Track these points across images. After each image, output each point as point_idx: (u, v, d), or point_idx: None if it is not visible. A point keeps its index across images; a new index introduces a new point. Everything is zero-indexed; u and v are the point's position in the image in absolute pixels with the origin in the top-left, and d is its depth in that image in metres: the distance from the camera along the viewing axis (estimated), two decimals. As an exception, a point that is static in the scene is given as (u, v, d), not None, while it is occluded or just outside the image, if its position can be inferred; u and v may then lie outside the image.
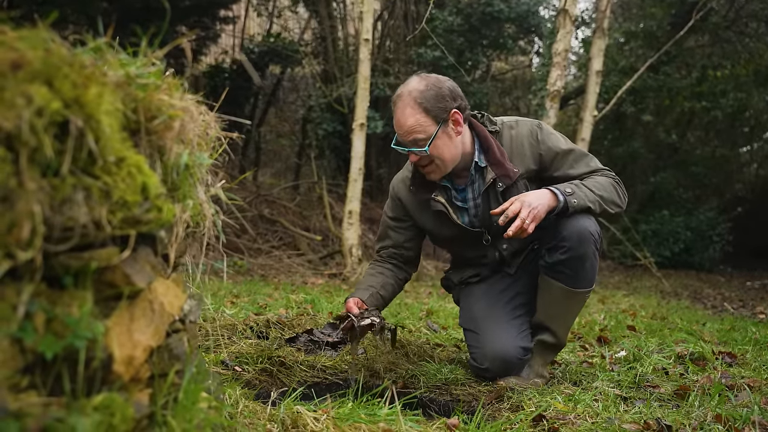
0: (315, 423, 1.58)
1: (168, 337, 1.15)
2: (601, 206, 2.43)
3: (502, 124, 2.62)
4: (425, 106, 2.41)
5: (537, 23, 11.73)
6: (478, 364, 2.58)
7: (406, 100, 2.43)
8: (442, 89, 2.45)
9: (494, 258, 2.70)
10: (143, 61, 1.10)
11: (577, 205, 2.37)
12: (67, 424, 0.84)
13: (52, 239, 0.84)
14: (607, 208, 2.45)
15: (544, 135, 2.56)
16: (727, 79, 13.44)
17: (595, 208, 2.40)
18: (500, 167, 2.51)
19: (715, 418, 1.95)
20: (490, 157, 2.54)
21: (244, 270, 7.66)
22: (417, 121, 2.41)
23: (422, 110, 2.41)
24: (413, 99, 2.42)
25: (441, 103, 2.43)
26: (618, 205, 2.50)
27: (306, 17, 13.75)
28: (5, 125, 0.75)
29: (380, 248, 2.87)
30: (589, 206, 2.39)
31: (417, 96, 2.42)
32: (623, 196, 2.53)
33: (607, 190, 2.47)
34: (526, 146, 2.55)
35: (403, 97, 2.45)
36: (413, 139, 2.43)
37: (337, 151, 11.70)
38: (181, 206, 1.14)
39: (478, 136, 2.58)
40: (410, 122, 2.42)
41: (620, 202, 2.51)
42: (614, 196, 2.48)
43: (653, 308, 6.15)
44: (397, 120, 2.46)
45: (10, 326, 0.80)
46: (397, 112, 2.45)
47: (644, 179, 14.47)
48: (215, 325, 2.93)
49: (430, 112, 2.41)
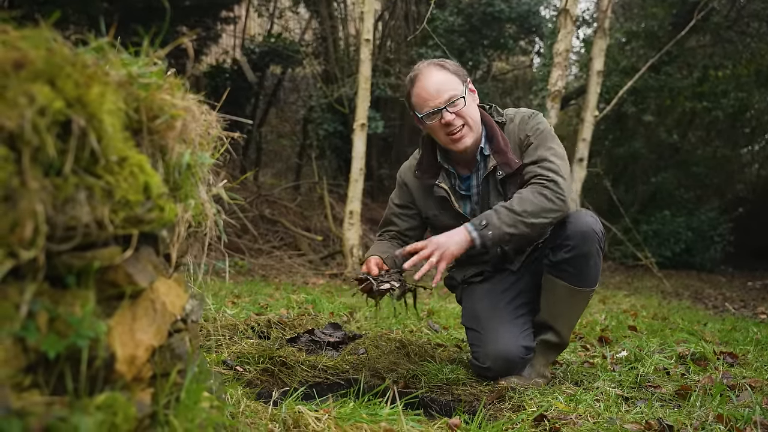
0: (317, 423, 1.58)
1: (170, 336, 1.16)
2: (528, 223, 2.35)
3: (506, 116, 2.65)
4: (450, 68, 2.52)
5: (538, 23, 11.73)
6: (480, 363, 2.58)
7: (431, 67, 2.53)
8: (453, 61, 2.61)
9: (496, 252, 2.71)
10: (145, 61, 1.10)
11: (493, 236, 2.35)
12: (69, 423, 0.84)
13: (55, 239, 0.84)
14: (536, 221, 2.36)
15: (530, 123, 2.57)
16: (728, 79, 13.42)
17: (517, 230, 2.35)
18: (502, 156, 2.54)
19: (717, 418, 1.95)
20: (494, 146, 2.57)
21: (245, 270, 7.67)
22: (447, 78, 2.49)
23: (448, 70, 2.51)
24: (436, 64, 2.53)
25: (459, 68, 2.56)
26: (551, 210, 2.37)
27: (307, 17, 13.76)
28: (8, 125, 0.75)
29: (383, 232, 2.90)
30: (508, 231, 2.35)
31: (438, 61, 2.54)
32: (556, 198, 2.38)
33: (534, 202, 2.36)
34: (518, 134, 2.58)
35: (423, 67, 2.54)
36: (448, 96, 2.47)
37: (338, 152, 11.70)
38: (183, 206, 1.14)
39: (485, 125, 2.61)
40: (441, 79, 2.49)
41: (553, 206, 2.37)
42: (544, 203, 2.36)
43: (654, 308, 6.14)
44: (426, 81, 2.50)
45: (13, 325, 0.80)
46: (423, 78, 2.51)
47: (645, 179, 14.45)
48: (216, 325, 2.93)
49: (455, 72, 2.52)
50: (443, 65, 2.52)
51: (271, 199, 10.59)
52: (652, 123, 14.16)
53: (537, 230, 2.42)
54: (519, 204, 2.36)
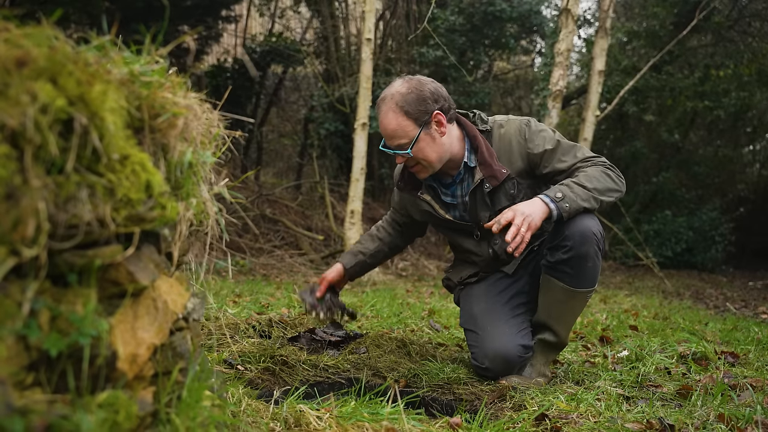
0: (318, 422, 1.58)
1: (171, 335, 1.16)
2: (598, 200, 2.38)
3: (494, 122, 2.62)
4: (406, 109, 2.44)
5: (539, 23, 11.73)
6: (478, 363, 2.58)
7: (389, 104, 2.47)
8: (423, 92, 2.46)
9: (487, 254, 2.70)
10: (147, 59, 1.10)
11: (570, 209, 2.34)
12: (72, 421, 0.84)
13: (57, 237, 0.84)
14: (604, 199, 2.39)
15: (532, 133, 2.54)
16: (729, 79, 13.42)
17: (590, 205, 2.36)
18: (488, 168, 2.52)
19: (718, 417, 1.94)
20: (479, 157, 2.55)
21: (246, 269, 7.67)
22: (399, 125, 2.45)
23: (403, 114, 2.44)
24: (395, 103, 2.45)
25: (422, 105, 2.45)
26: (615, 190, 2.43)
27: (308, 17, 13.76)
28: (10, 122, 0.75)
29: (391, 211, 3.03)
30: (584, 206, 2.35)
31: (399, 100, 2.45)
32: (619, 180, 2.47)
33: (600, 179, 2.41)
34: (514, 145, 2.55)
35: (385, 101, 2.48)
36: (397, 144, 2.48)
37: (339, 151, 11.70)
38: (185, 204, 1.14)
39: (468, 135, 2.59)
40: (392, 126, 2.46)
41: (617, 187, 2.45)
42: (609, 183, 2.42)
43: (655, 308, 6.14)
44: (380, 123, 2.51)
45: (15, 323, 0.80)
46: (380, 116, 2.50)
47: (646, 179, 14.46)
48: (218, 324, 2.93)
49: (411, 115, 2.44)
50: (402, 107, 2.44)
51: (272, 199, 10.60)
52: (653, 123, 14.17)
53: (601, 208, 2.44)
54: (588, 181, 2.38)
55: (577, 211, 2.35)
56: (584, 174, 2.42)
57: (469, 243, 2.74)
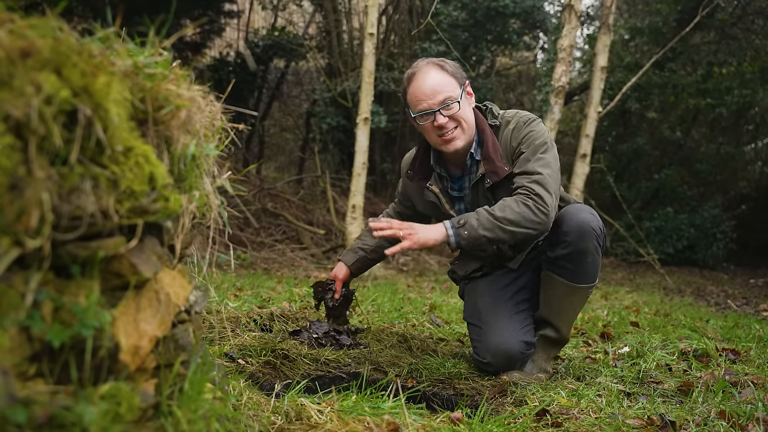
0: (319, 415, 1.58)
1: (174, 327, 1.16)
2: (506, 230, 2.32)
3: (502, 118, 2.60)
4: (448, 69, 2.49)
5: (542, 19, 11.69)
6: (480, 358, 2.59)
7: (429, 66, 2.49)
8: (454, 62, 2.56)
9: (492, 250, 2.71)
10: (151, 51, 1.10)
11: (468, 236, 2.33)
12: (74, 412, 0.84)
13: (60, 228, 0.84)
14: (516, 230, 2.32)
15: (524, 131, 2.50)
16: (732, 76, 13.38)
17: (494, 235, 2.32)
18: (490, 163, 2.50)
19: (719, 414, 1.95)
20: (484, 152, 2.54)
21: (247, 263, 7.67)
22: (444, 80, 2.46)
23: (446, 71, 2.48)
24: (435, 63, 2.50)
25: (458, 71, 2.53)
26: (534, 222, 2.33)
27: (311, 11, 13.72)
28: (15, 113, 0.75)
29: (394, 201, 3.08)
30: (484, 234, 2.32)
31: (437, 61, 2.50)
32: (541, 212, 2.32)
33: (515, 210, 2.32)
34: (510, 141, 2.54)
35: (422, 65, 2.51)
36: (443, 98, 2.44)
37: (340, 146, 11.69)
38: (188, 197, 1.14)
39: (478, 128, 2.59)
40: (438, 80, 2.46)
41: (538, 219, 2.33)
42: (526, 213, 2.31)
43: (656, 305, 6.14)
44: (423, 81, 2.47)
45: (19, 314, 0.80)
46: (420, 77, 2.48)
47: (648, 176, 14.43)
48: (219, 318, 2.93)
49: (453, 74, 2.49)
50: (442, 65, 2.49)
51: (273, 193, 10.60)
52: (655, 119, 14.15)
53: (516, 238, 2.38)
54: (500, 210, 2.34)
55: (476, 239, 2.34)
56: (502, 203, 2.37)
57: None
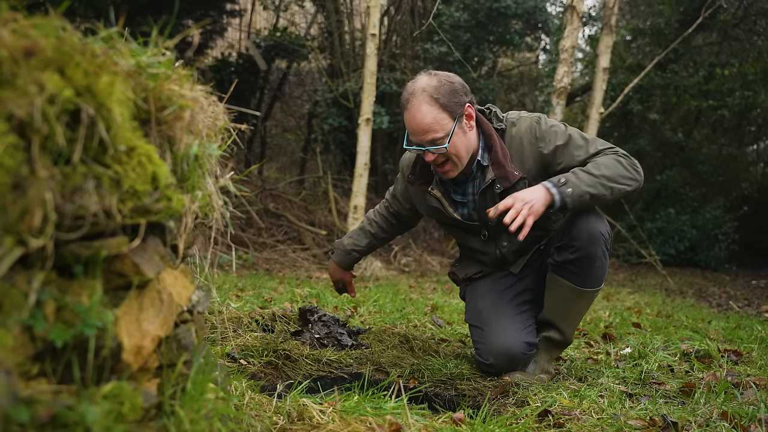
0: (321, 416, 1.58)
1: (176, 327, 1.16)
2: (606, 186, 2.28)
3: (507, 120, 2.55)
4: (441, 101, 2.33)
5: (544, 19, 11.69)
6: (483, 360, 2.58)
7: (421, 97, 2.34)
8: (455, 84, 2.39)
9: (495, 255, 2.69)
10: (154, 51, 1.10)
11: (573, 194, 2.25)
12: (76, 412, 0.84)
13: (63, 227, 0.84)
14: (614, 186, 2.29)
15: (543, 131, 2.45)
16: (734, 78, 13.37)
17: (597, 191, 2.27)
18: (501, 168, 2.45)
19: (721, 415, 1.94)
20: (492, 157, 2.48)
21: (249, 264, 7.68)
22: (434, 118, 2.33)
23: (439, 106, 2.33)
24: (428, 95, 2.33)
25: (455, 97, 2.37)
26: (629, 178, 2.32)
27: (313, 12, 13.72)
28: (18, 112, 0.75)
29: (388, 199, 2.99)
30: (589, 191, 2.26)
31: (432, 92, 2.33)
32: (633, 169, 2.35)
33: (609, 166, 2.31)
34: (526, 144, 2.47)
35: (416, 94, 2.35)
36: (431, 138, 2.35)
37: (342, 146, 11.69)
38: (191, 197, 1.14)
39: (483, 133, 2.52)
40: (427, 120, 2.33)
41: (631, 175, 2.33)
42: (620, 170, 2.31)
43: (658, 306, 6.14)
44: (412, 118, 2.36)
45: (22, 314, 0.80)
46: (412, 110, 2.35)
47: (650, 177, 14.40)
48: (221, 318, 2.93)
49: (447, 107, 2.34)
50: (436, 98, 2.33)
51: (275, 193, 10.60)
52: (657, 121, 14.12)
53: (614, 196, 2.31)
54: (595, 168, 2.30)
55: (582, 196, 2.26)
56: (593, 162, 2.34)
57: (476, 242, 2.71)
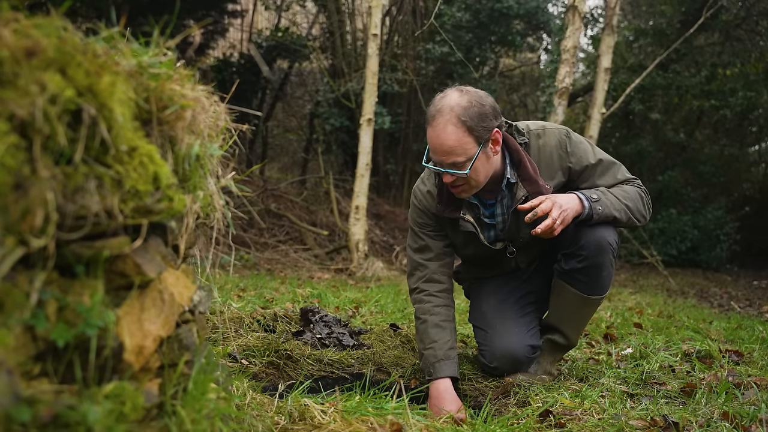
0: (322, 416, 1.58)
1: (178, 327, 1.16)
2: (627, 215, 2.33)
3: (529, 132, 2.45)
4: (469, 125, 2.18)
5: (546, 20, 11.71)
6: (486, 362, 2.58)
7: (448, 117, 2.19)
8: (485, 107, 2.22)
9: (509, 268, 2.69)
10: (155, 51, 1.10)
11: (602, 213, 2.27)
12: (78, 411, 0.84)
13: (65, 227, 0.84)
14: (632, 217, 2.36)
15: (573, 146, 2.41)
16: (736, 78, 13.36)
17: (620, 216, 2.31)
18: (533, 184, 2.35)
19: (722, 415, 1.94)
20: (522, 173, 2.38)
21: (250, 264, 7.68)
22: (459, 142, 2.18)
23: (465, 129, 2.18)
24: (456, 116, 2.18)
25: (484, 122, 2.21)
26: (644, 215, 2.40)
27: (314, 12, 13.74)
28: (19, 112, 0.75)
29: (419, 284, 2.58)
30: (614, 215, 2.30)
31: (460, 113, 2.18)
32: (648, 208, 2.43)
33: (633, 199, 2.36)
34: (555, 158, 2.42)
35: (443, 112, 2.20)
36: (452, 162, 2.22)
37: (344, 146, 11.70)
38: (192, 197, 1.14)
39: (509, 149, 2.41)
40: (450, 142, 2.18)
41: (646, 213, 2.42)
42: (640, 205, 2.38)
43: (660, 306, 6.13)
44: (436, 137, 2.21)
45: (23, 314, 0.80)
46: (437, 129, 2.20)
47: (652, 177, 14.40)
48: (223, 318, 2.93)
49: (473, 131, 2.19)
50: (464, 121, 2.17)
51: (277, 194, 10.61)
52: (659, 121, 14.11)
53: (626, 225, 2.39)
54: (623, 196, 2.35)
55: (607, 217, 2.30)
56: (620, 189, 2.39)
57: (492, 262, 2.67)
